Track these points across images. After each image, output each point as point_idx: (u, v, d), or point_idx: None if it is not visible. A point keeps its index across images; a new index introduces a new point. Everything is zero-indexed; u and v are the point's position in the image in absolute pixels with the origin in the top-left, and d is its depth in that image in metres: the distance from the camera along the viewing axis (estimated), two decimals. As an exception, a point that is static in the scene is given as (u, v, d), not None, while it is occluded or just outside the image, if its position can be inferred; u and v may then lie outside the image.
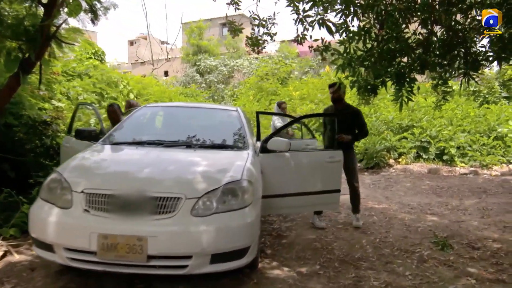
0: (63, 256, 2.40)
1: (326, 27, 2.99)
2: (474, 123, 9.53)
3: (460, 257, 3.55)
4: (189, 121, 4.06)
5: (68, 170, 2.73)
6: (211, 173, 2.72)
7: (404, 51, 3.36)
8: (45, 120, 4.98)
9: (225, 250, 2.42)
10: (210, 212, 2.44)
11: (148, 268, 2.33)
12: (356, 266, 3.28)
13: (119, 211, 2.36)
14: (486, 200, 5.96)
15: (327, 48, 3.10)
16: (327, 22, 2.98)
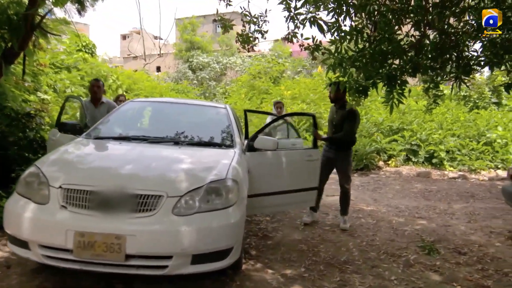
0: (38, 253, 2.31)
1: (318, 26, 2.93)
2: (464, 128, 9.59)
3: (446, 262, 3.53)
4: (176, 117, 3.98)
5: (47, 164, 2.63)
6: (195, 171, 2.64)
7: (396, 53, 3.31)
8: (29, 112, 4.84)
9: (206, 250, 2.34)
10: (192, 211, 2.37)
11: (126, 267, 2.25)
12: (341, 270, 3.24)
13: (98, 208, 2.27)
14: (473, 205, 5.98)
15: (318, 47, 3.05)
16: (319, 20, 2.92)
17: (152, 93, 13.54)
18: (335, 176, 4.74)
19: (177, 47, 29.35)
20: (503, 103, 11.96)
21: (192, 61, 25.87)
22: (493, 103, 11.86)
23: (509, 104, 11.95)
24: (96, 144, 3.13)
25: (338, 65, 2.85)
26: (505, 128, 9.74)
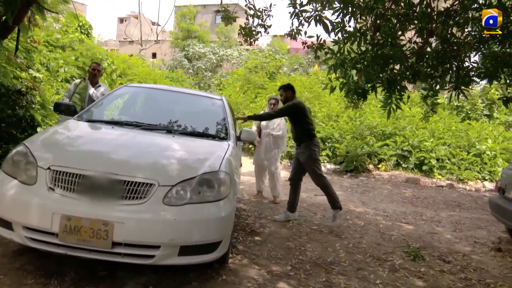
0: (21, 235, 2.25)
1: (323, 25, 2.89)
2: (455, 138, 9.69)
3: (431, 269, 3.56)
4: (171, 105, 3.92)
5: (36, 144, 2.56)
6: (188, 162, 2.60)
7: (398, 58, 3.30)
8: (20, 89, 4.71)
9: (195, 242, 2.31)
10: (183, 202, 2.33)
11: (112, 255, 2.20)
12: (327, 270, 3.24)
13: (86, 193, 2.22)
14: (459, 214, 6.05)
15: (322, 46, 3.01)
16: (324, 19, 2.88)
17: (146, 79, 13.38)
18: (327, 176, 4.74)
19: (174, 35, 29.04)
20: (494, 116, 12.12)
21: (188, 50, 25.61)
22: (485, 115, 12.01)
23: (500, 118, 12.11)
24: (88, 127, 3.06)
25: (340, 65, 2.82)
26: (494, 140, 9.87)
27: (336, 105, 11.21)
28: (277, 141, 5.63)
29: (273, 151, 5.60)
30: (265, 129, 5.64)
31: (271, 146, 5.59)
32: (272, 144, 5.60)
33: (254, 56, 19.67)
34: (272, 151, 5.59)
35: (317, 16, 2.87)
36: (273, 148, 5.60)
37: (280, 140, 5.65)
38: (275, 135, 5.59)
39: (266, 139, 5.62)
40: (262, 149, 5.62)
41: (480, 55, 3.58)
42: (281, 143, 5.70)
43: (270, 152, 5.58)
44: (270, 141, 5.59)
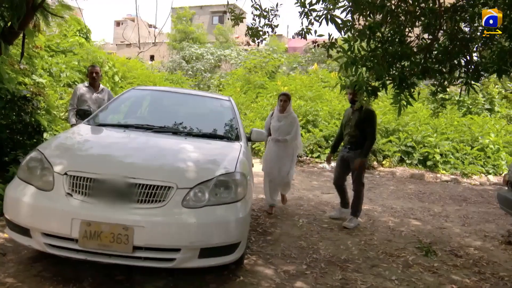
0: (40, 241, 2.24)
1: (334, 23, 2.89)
2: (458, 132, 9.69)
3: (444, 264, 3.56)
4: (179, 107, 3.91)
5: (50, 149, 2.55)
6: (204, 163, 2.60)
7: (407, 55, 3.30)
8: (25, 95, 4.69)
9: (215, 244, 2.31)
10: (201, 204, 2.33)
11: (133, 259, 2.20)
12: (342, 268, 3.24)
13: (105, 197, 2.21)
14: (466, 208, 6.06)
15: (334, 45, 3.01)
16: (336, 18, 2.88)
17: (146, 82, 13.36)
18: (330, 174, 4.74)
19: (172, 37, 29.03)
20: (495, 110, 12.13)
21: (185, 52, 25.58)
22: (486, 109, 12.02)
23: (501, 111, 12.12)
24: (99, 131, 3.05)
25: (351, 63, 2.82)
26: (497, 134, 9.88)
27: (337, 103, 11.21)
28: (291, 145, 4.78)
29: (287, 158, 4.77)
30: (275, 133, 4.72)
31: (285, 152, 4.74)
32: (286, 149, 4.74)
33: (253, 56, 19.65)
34: (286, 157, 4.75)
35: (328, 15, 2.86)
36: (287, 155, 4.76)
37: (294, 143, 4.80)
38: (289, 139, 4.69)
39: (277, 144, 4.72)
40: (273, 155, 4.73)
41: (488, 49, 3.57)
42: (296, 145, 4.86)
43: (283, 159, 4.72)
44: (282, 146, 4.72)
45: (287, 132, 4.66)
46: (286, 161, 4.71)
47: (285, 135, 4.65)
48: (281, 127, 4.67)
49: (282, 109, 4.69)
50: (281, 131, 4.67)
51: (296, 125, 4.76)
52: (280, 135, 4.66)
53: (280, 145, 4.69)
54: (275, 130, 4.71)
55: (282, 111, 4.70)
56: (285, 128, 4.67)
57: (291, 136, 4.67)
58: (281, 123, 4.67)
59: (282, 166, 4.67)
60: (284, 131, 4.67)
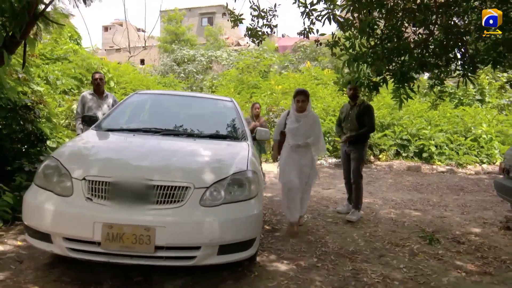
0: (62, 246, 2.29)
1: (337, 22, 2.98)
2: (451, 124, 9.89)
3: (447, 251, 3.68)
4: (183, 109, 3.97)
5: (65, 156, 2.59)
6: (217, 163, 2.67)
7: (405, 50, 3.41)
8: (27, 104, 4.71)
9: (232, 241, 2.38)
10: (218, 202, 2.40)
11: (154, 259, 2.26)
12: (351, 259, 3.33)
13: (125, 200, 2.27)
14: (464, 197, 6.21)
15: (337, 43, 3.10)
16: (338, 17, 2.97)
17: (139, 86, 13.37)
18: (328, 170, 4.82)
19: (162, 39, 28.97)
20: (486, 101, 12.38)
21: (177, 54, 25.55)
22: (477, 100, 12.25)
23: (492, 101, 12.37)
24: (110, 136, 3.10)
25: (353, 60, 2.91)
26: (489, 124, 10.10)
27: (331, 100, 11.34)
28: (310, 149, 4.10)
29: (306, 164, 4.04)
30: (294, 137, 4.00)
31: (304, 157, 4.02)
32: (306, 154, 4.04)
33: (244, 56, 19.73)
34: (305, 163, 4.02)
35: (331, 15, 2.95)
36: (306, 160, 4.03)
37: (315, 149, 4.13)
38: (311, 142, 4.03)
39: (296, 150, 4.01)
40: (292, 164, 4.00)
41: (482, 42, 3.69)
42: (318, 148, 4.17)
43: (303, 166, 4.01)
44: (303, 151, 4.01)
45: (308, 135, 3.97)
46: (305, 168, 4.01)
47: (305, 138, 3.96)
48: (301, 128, 3.96)
49: (300, 110, 3.97)
50: (301, 134, 3.96)
51: (318, 126, 4.09)
52: (300, 138, 3.95)
53: (300, 151, 3.98)
54: (293, 133, 3.99)
55: (301, 111, 3.98)
56: (305, 130, 3.96)
57: (312, 139, 4.00)
58: (299, 123, 3.96)
59: (301, 174, 3.99)
60: (304, 133, 3.96)
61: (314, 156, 4.19)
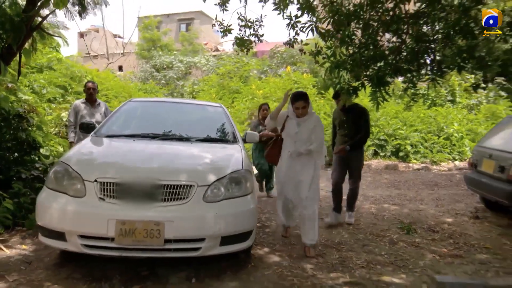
0: (77, 243, 2.48)
1: (319, 33, 3.30)
2: (425, 124, 10.44)
3: (423, 239, 4.05)
4: (176, 115, 4.20)
5: (73, 160, 2.79)
6: (215, 163, 2.92)
7: (381, 57, 3.76)
8: (19, 113, 4.82)
9: (233, 232, 2.64)
10: (219, 198, 2.65)
11: (164, 251, 2.49)
12: (338, 249, 3.64)
13: (135, 198, 2.49)
14: (438, 192, 6.67)
15: (319, 52, 3.41)
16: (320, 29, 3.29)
17: (120, 93, 13.35)
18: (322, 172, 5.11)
19: (139, 46, 28.90)
20: (457, 101, 13.08)
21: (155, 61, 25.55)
22: (449, 100, 12.94)
23: (462, 102, 13.08)
24: (112, 142, 3.31)
25: (335, 67, 3.23)
26: (460, 123, 10.72)
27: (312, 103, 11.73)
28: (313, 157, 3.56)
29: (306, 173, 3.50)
30: (293, 144, 3.55)
31: (305, 166, 3.52)
32: (307, 162, 3.53)
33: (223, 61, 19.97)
34: (305, 173, 3.50)
35: (313, 27, 3.27)
36: (307, 169, 3.51)
37: (317, 156, 3.58)
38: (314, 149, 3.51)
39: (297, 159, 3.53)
40: (290, 174, 3.54)
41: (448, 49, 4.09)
42: (319, 155, 3.60)
43: (301, 175, 3.50)
44: (304, 159, 3.52)
45: (310, 140, 3.50)
46: (306, 181, 3.47)
47: (307, 144, 3.49)
48: (301, 134, 3.50)
49: (300, 115, 3.52)
50: (302, 140, 3.49)
51: (321, 129, 3.58)
52: (301, 145, 3.49)
53: (302, 161, 3.51)
54: (292, 139, 3.55)
55: (300, 116, 3.52)
56: (306, 135, 3.50)
57: (315, 146, 3.48)
58: (300, 128, 3.51)
59: (299, 184, 3.48)
60: (305, 139, 3.49)
61: (318, 164, 3.59)
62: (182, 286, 2.72)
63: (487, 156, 4.89)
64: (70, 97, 8.22)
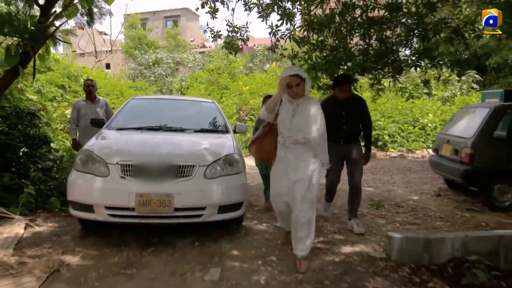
0: (104, 213, 3.10)
1: (295, 41, 3.96)
2: (402, 115, 11.23)
3: (389, 212, 4.77)
4: (176, 110, 4.80)
5: (96, 148, 3.39)
6: (212, 149, 3.56)
7: (350, 58, 4.45)
8: (32, 111, 5.36)
9: (228, 203, 3.29)
10: (216, 175, 3.30)
11: (173, 218, 3.13)
12: (316, 221, 4.31)
13: (149, 176, 3.12)
14: (409, 176, 7.43)
15: (295, 56, 4.07)
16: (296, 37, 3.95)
17: (112, 91, 13.83)
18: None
19: (125, 45, 29.17)
20: (433, 93, 13.93)
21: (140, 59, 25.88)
22: (425, 93, 13.78)
23: (437, 94, 13.94)
24: (123, 133, 3.91)
25: (312, 69, 3.90)
26: (434, 114, 11.54)
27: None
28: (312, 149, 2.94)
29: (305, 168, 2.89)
30: (287, 132, 2.96)
31: (302, 159, 2.92)
32: (304, 155, 2.93)
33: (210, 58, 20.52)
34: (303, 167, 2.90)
35: (290, 35, 3.92)
36: (305, 164, 2.91)
37: (319, 149, 2.96)
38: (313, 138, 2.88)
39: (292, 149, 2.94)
40: (284, 169, 2.96)
41: (408, 49, 4.80)
42: (322, 150, 2.99)
43: (299, 171, 2.89)
44: (301, 150, 2.93)
45: (306, 128, 2.88)
46: (302, 175, 2.87)
47: (304, 132, 2.89)
48: (297, 120, 2.91)
49: (295, 96, 2.93)
50: (297, 127, 2.91)
51: (321, 118, 2.93)
52: (296, 133, 2.91)
53: (299, 150, 2.92)
54: (286, 127, 2.96)
55: (295, 97, 2.93)
56: (303, 121, 2.90)
57: (316, 136, 2.87)
58: (295, 113, 2.92)
59: (295, 182, 2.88)
60: (301, 126, 2.90)
61: (320, 161, 2.97)
62: (187, 248, 3.36)
63: (446, 142, 5.64)
64: (69, 96, 8.72)
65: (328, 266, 3.03)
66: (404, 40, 4.73)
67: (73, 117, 5.65)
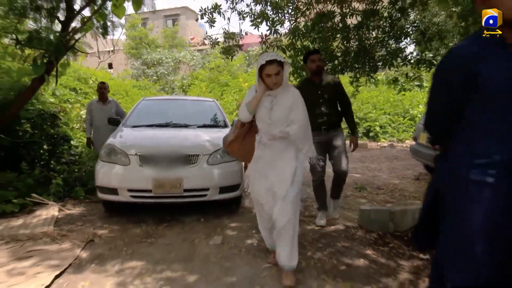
0: (126, 195, 3.81)
1: (281, 49, 4.64)
2: (393, 107, 11.87)
3: (370, 194, 5.45)
4: (181, 109, 5.50)
5: (117, 142, 4.10)
6: (213, 141, 4.24)
7: (332, 58, 5.12)
8: (54, 113, 6.08)
9: (227, 184, 3.99)
10: (217, 162, 4.00)
11: (183, 197, 3.83)
12: (304, 201, 5.02)
13: (163, 164, 3.82)
14: (395, 163, 8.10)
15: (282, 60, 4.76)
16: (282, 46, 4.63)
17: (118, 91, 14.53)
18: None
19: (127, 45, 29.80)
20: (424, 86, 14.53)
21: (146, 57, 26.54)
22: (416, 85, 14.39)
23: (428, 86, 14.53)
24: (138, 130, 4.61)
25: (296, 70, 4.57)
26: (424, 105, 12.18)
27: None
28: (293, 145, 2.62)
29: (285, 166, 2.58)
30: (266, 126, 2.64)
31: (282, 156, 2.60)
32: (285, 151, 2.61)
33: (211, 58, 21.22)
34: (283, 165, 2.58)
35: (277, 44, 4.60)
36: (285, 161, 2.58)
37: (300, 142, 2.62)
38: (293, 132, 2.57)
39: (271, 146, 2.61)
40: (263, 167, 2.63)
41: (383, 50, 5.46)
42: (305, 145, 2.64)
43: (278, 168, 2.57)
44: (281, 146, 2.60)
45: (286, 120, 2.60)
46: (282, 173, 2.56)
47: (283, 125, 2.60)
48: (276, 112, 2.59)
49: (273, 86, 2.57)
50: (276, 120, 2.60)
51: (302, 106, 2.62)
52: (275, 127, 2.59)
53: (277, 147, 2.60)
54: (264, 121, 2.64)
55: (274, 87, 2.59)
56: (283, 113, 2.59)
57: (295, 129, 2.57)
58: (273, 104, 2.60)
59: (274, 182, 2.57)
60: (281, 119, 2.59)
61: (302, 158, 2.65)
62: (194, 223, 4.06)
63: (423, 130, 6.30)
64: (80, 97, 9.43)
65: (308, 233, 3.73)
66: (380, 42, 5.39)
67: (88, 117, 6.32)
